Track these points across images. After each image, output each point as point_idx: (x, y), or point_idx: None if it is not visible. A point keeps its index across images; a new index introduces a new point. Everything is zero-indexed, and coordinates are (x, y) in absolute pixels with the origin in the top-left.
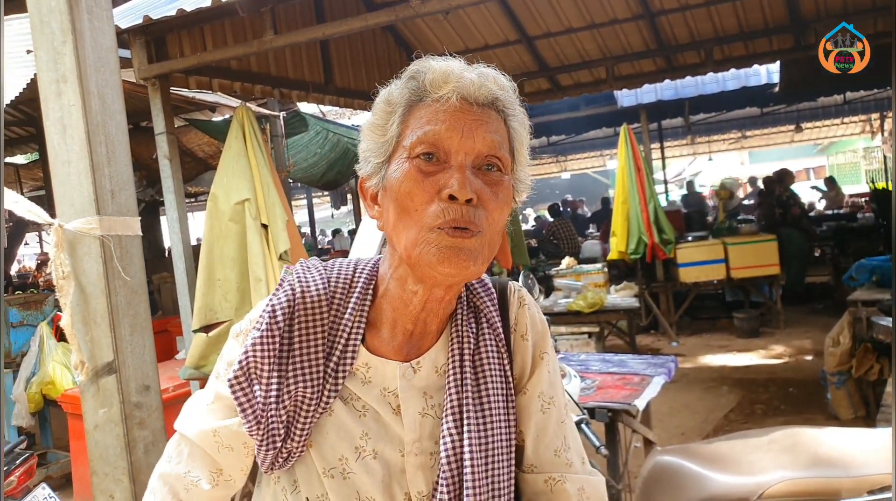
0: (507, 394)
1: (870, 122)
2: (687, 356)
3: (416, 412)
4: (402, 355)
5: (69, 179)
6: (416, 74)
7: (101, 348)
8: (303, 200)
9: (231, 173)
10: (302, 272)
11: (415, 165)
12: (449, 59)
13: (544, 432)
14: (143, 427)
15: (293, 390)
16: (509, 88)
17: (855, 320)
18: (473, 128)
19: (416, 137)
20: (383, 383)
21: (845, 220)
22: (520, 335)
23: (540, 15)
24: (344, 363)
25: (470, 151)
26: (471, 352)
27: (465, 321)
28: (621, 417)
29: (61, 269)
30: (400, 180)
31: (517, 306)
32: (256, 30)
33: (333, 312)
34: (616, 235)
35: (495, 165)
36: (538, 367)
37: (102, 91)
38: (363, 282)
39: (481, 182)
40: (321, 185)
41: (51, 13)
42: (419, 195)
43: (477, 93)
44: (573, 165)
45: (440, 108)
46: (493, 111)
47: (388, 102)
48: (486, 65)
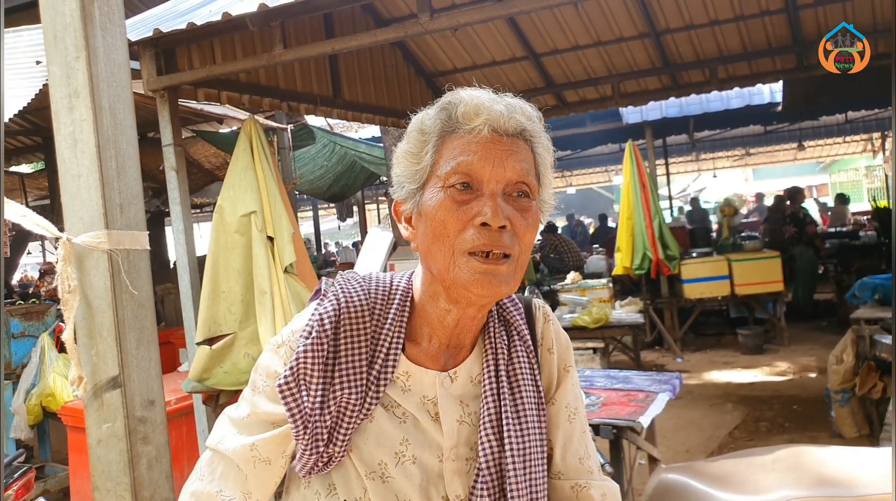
0: (538, 404)
1: (871, 141)
2: (691, 373)
3: (455, 420)
4: (438, 364)
5: (79, 193)
6: (448, 106)
7: (106, 362)
8: (308, 211)
9: (238, 186)
10: (344, 284)
11: (449, 194)
12: (478, 91)
13: (570, 440)
14: (147, 443)
15: (338, 396)
16: (535, 117)
17: (858, 338)
18: (504, 157)
19: (450, 167)
20: (422, 391)
21: (848, 237)
22: (546, 348)
23: (547, 32)
24: (386, 370)
25: (501, 179)
26: (505, 363)
27: (497, 334)
28: (626, 434)
29: (68, 283)
30: (435, 208)
31: (543, 322)
32: (266, 43)
33: (375, 322)
34: (621, 250)
35: (524, 191)
36: (564, 379)
37: (114, 106)
38: (401, 295)
39: (512, 208)
40: (327, 197)
41: (65, 29)
42: (454, 223)
43: (507, 124)
44: (578, 181)
45: (472, 139)
46: (520, 140)
47: (422, 131)
48: (513, 95)
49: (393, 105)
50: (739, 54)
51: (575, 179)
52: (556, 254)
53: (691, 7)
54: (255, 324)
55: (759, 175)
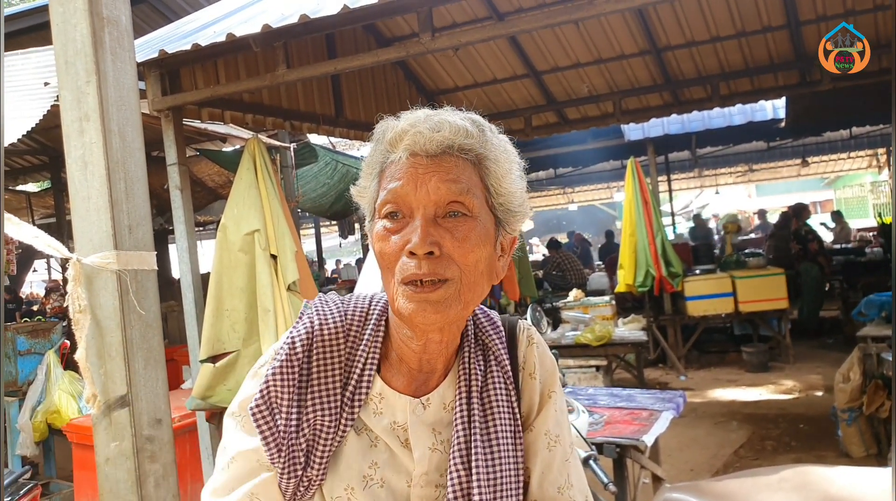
0: (514, 431)
1: (876, 156)
2: (696, 390)
3: (427, 448)
4: (411, 388)
5: (89, 214)
6: (380, 135)
7: (114, 381)
8: (311, 229)
9: (241, 204)
10: (320, 306)
11: (382, 225)
12: (413, 114)
13: (549, 469)
14: (154, 461)
15: (311, 418)
16: (473, 130)
17: (865, 356)
18: (426, 180)
19: (381, 198)
20: (393, 416)
21: (854, 254)
22: (528, 373)
23: (548, 50)
24: (360, 391)
25: (428, 203)
26: (479, 389)
27: (472, 358)
28: (630, 452)
29: (78, 303)
30: (375, 239)
31: (526, 345)
32: (269, 64)
33: (350, 344)
34: (623, 267)
35: (457, 210)
36: (545, 405)
37: (123, 129)
38: (376, 316)
39: (445, 230)
40: (330, 215)
41: (76, 55)
42: (388, 254)
43: (427, 145)
44: (580, 197)
45: (398, 167)
46: (449, 157)
47: (368, 163)
48: (456, 108)
49: None
50: (741, 70)
51: (577, 196)
52: (560, 271)
53: (692, 23)
54: (258, 342)
55: (762, 191)
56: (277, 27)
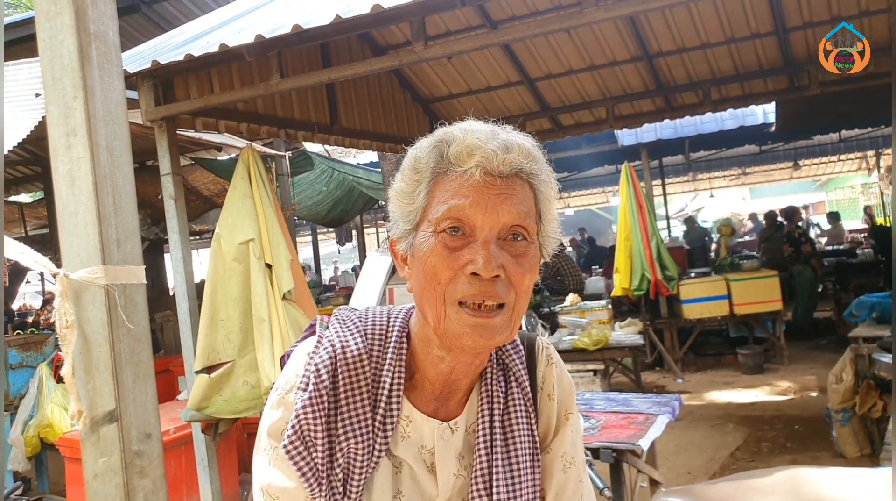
0: (533, 453)
1: (866, 159)
2: (692, 393)
3: (452, 473)
4: (432, 408)
5: (76, 229)
6: (441, 144)
7: (102, 396)
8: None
9: (236, 214)
10: (339, 327)
11: (440, 240)
12: (474, 125)
13: (563, 491)
14: (144, 476)
15: (345, 447)
16: (534, 153)
17: (857, 357)
18: (498, 202)
19: (441, 212)
20: (421, 441)
21: (845, 256)
22: (546, 394)
23: (541, 57)
24: (391, 414)
25: (495, 225)
26: (500, 411)
27: (494, 380)
28: (626, 457)
29: (65, 318)
30: (426, 254)
31: (545, 365)
32: (263, 73)
33: (374, 364)
34: (619, 271)
35: (521, 234)
36: (563, 427)
37: (111, 144)
38: (397, 334)
39: (507, 254)
40: (326, 222)
41: (63, 70)
42: (444, 271)
43: (501, 166)
44: (576, 202)
45: (464, 182)
46: (517, 180)
47: (415, 169)
48: (513, 128)
49: (390, 131)
50: (732, 76)
51: (573, 201)
52: (559, 276)
53: (682, 30)
54: (253, 352)
55: (756, 194)
56: (270, 37)
